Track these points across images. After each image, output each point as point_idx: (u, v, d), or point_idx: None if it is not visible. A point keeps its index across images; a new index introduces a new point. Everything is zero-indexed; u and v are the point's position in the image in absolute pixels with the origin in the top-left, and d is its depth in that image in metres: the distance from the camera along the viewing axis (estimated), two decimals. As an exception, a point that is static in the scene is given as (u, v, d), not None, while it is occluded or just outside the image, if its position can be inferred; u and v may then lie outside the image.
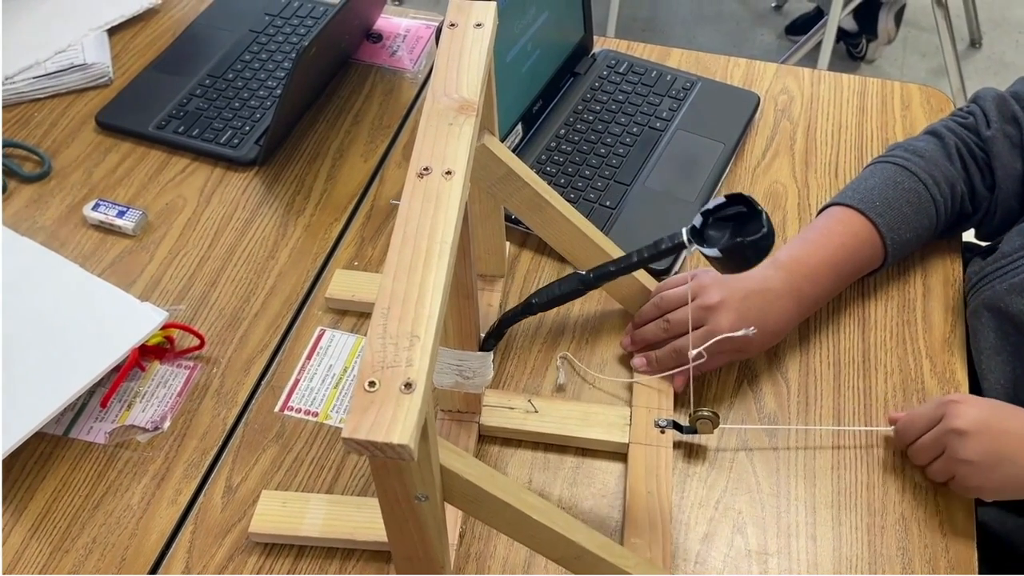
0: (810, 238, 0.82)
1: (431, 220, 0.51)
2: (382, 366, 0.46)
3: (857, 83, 1.07)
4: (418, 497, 0.51)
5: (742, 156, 0.99)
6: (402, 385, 0.45)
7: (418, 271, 0.49)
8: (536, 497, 0.59)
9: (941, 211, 0.83)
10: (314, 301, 0.86)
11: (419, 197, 0.53)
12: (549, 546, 0.60)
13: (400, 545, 0.57)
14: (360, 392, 0.45)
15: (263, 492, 0.72)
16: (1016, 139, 0.83)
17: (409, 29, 1.14)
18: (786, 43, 2.49)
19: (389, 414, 0.44)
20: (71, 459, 0.75)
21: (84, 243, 0.90)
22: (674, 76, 1.04)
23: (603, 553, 0.60)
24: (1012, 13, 2.61)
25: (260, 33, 1.10)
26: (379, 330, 0.47)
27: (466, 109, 0.57)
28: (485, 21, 0.63)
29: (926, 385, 0.80)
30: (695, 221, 0.63)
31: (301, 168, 0.98)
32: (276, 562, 0.70)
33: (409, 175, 0.54)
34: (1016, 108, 0.83)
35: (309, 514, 0.70)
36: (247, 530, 0.71)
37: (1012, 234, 0.81)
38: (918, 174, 0.83)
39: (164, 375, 0.80)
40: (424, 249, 0.50)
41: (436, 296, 0.48)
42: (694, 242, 0.62)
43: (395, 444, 0.43)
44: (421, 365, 0.46)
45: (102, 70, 1.05)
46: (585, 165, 0.95)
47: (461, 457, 0.55)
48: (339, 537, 0.70)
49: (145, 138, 0.99)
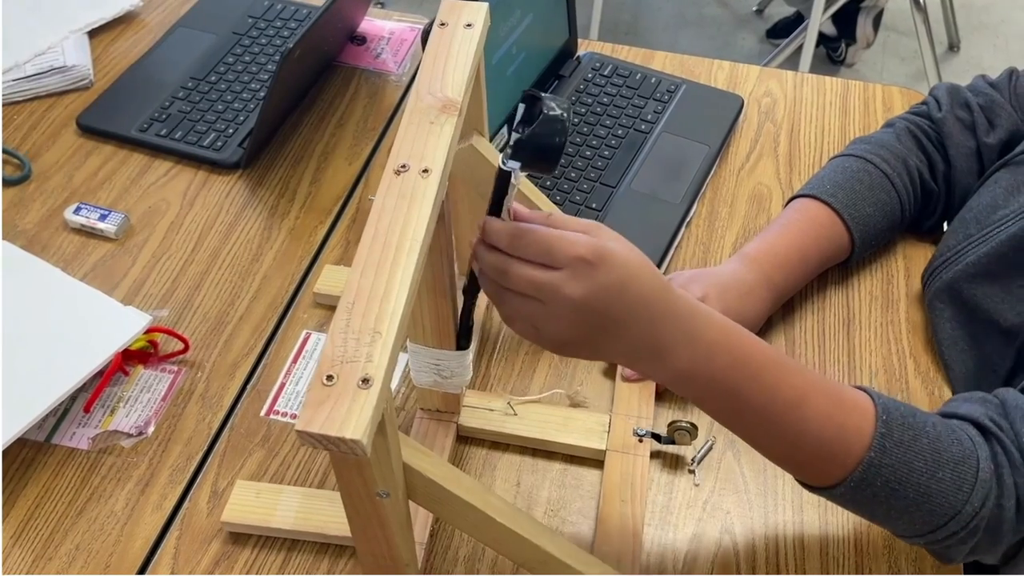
0: (772, 231, 0.84)
1: (404, 217, 0.51)
2: (341, 361, 0.46)
3: (839, 85, 1.07)
4: (379, 494, 0.51)
5: (726, 158, 0.99)
6: (360, 380, 0.45)
7: (386, 268, 0.49)
8: (501, 500, 0.59)
9: (898, 185, 0.85)
10: (299, 304, 0.86)
11: (394, 194, 0.52)
12: (514, 550, 0.60)
13: (364, 541, 0.57)
14: (317, 386, 0.45)
15: (238, 481, 0.72)
16: (967, 121, 0.86)
17: (393, 32, 1.14)
18: (768, 47, 2.51)
19: (344, 409, 0.44)
20: (54, 465, 0.74)
21: (66, 247, 0.89)
22: (658, 79, 1.05)
23: (568, 559, 0.60)
24: (989, 17, 2.64)
25: (243, 35, 1.10)
26: (342, 324, 0.47)
27: (449, 108, 0.57)
28: (475, 22, 0.62)
29: (910, 384, 0.81)
30: (510, 141, 0.56)
31: (285, 171, 0.97)
32: (264, 566, 0.69)
33: (386, 171, 0.54)
34: (968, 95, 0.87)
35: (282, 506, 0.70)
36: (232, 535, 0.70)
37: (954, 226, 0.83)
38: (864, 156, 0.86)
39: (148, 380, 0.79)
40: (394, 246, 0.50)
41: (402, 293, 0.48)
42: (507, 161, 0.55)
43: (348, 439, 0.43)
44: (381, 361, 0.46)
45: (83, 72, 1.04)
46: (571, 167, 0.95)
47: (426, 456, 0.55)
48: (310, 530, 0.70)
49: (127, 141, 0.98)
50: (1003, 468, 0.59)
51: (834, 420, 0.58)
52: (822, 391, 0.58)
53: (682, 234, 0.91)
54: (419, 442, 0.73)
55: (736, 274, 0.79)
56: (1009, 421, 0.61)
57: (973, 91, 0.87)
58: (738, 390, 0.57)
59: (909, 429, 0.58)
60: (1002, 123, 0.84)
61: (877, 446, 0.57)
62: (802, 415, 0.58)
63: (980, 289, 0.78)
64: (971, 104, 0.86)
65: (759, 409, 0.58)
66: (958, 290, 0.80)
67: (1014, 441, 0.60)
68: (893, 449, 0.57)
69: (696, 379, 0.57)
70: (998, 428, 0.60)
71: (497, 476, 0.75)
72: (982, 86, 0.87)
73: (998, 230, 0.78)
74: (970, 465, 0.58)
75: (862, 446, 0.57)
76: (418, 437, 0.75)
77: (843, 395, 0.59)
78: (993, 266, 0.77)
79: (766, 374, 0.57)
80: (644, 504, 0.72)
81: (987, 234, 0.79)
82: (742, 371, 0.57)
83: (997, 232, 0.78)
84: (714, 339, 0.56)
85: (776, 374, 0.57)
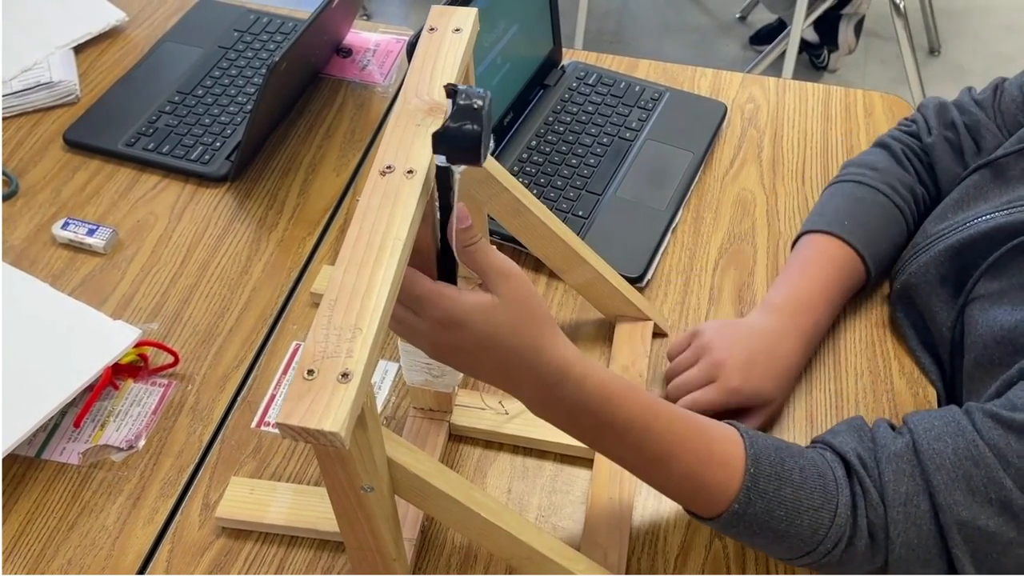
0: (792, 274, 0.83)
1: (388, 217, 0.52)
2: (323, 356, 0.47)
3: (821, 92, 1.09)
4: (364, 488, 0.52)
5: (711, 165, 1.00)
6: (339, 375, 0.46)
7: (369, 266, 0.50)
8: (486, 496, 0.60)
9: (908, 216, 0.85)
10: (289, 315, 0.86)
11: (379, 194, 0.54)
12: (499, 545, 0.60)
13: (352, 536, 0.58)
14: (298, 380, 0.46)
15: (232, 478, 0.73)
16: (955, 144, 0.85)
17: (379, 44, 1.14)
18: (751, 53, 2.53)
19: (324, 402, 0.45)
20: (44, 480, 0.74)
21: (54, 262, 0.89)
22: (642, 87, 1.06)
23: (554, 555, 0.61)
24: (969, 21, 2.67)
25: (229, 49, 1.10)
26: (324, 320, 0.48)
27: (435, 111, 0.58)
28: (464, 27, 0.63)
29: (895, 386, 0.82)
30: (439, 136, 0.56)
31: (273, 183, 0.97)
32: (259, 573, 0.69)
33: (372, 172, 0.55)
34: (955, 114, 0.86)
35: (275, 502, 0.71)
36: (226, 547, 0.70)
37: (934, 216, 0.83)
38: (877, 187, 0.85)
39: (138, 393, 0.80)
40: (377, 245, 0.51)
41: (384, 291, 0.49)
42: None
43: (326, 431, 0.44)
44: (360, 356, 0.47)
45: (69, 88, 1.04)
46: (557, 176, 0.96)
47: (410, 451, 0.55)
48: (303, 526, 0.70)
49: (114, 155, 0.99)
50: (859, 509, 0.61)
51: (699, 476, 0.62)
52: (691, 449, 0.62)
53: (668, 240, 0.92)
54: (411, 440, 0.75)
55: (764, 326, 0.79)
56: (876, 459, 0.63)
57: (960, 109, 0.86)
58: (599, 444, 0.63)
59: (775, 479, 0.61)
60: (987, 145, 0.83)
61: (743, 499, 0.61)
62: (667, 471, 0.62)
63: (925, 297, 0.80)
64: (958, 124, 0.85)
65: (620, 458, 0.63)
66: (911, 296, 0.82)
67: (875, 480, 0.62)
68: (756, 500, 0.61)
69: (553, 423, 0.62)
70: (862, 466, 0.62)
71: (489, 476, 0.75)
72: (968, 103, 0.86)
73: (940, 239, 0.79)
74: (828, 510, 0.61)
75: (727, 499, 0.61)
76: (410, 435, 0.76)
77: (712, 451, 0.62)
78: (931, 274, 0.79)
79: (629, 435, 0.61)
80: (632, 502, 0.72)
81: (930, 243, 0.80)
82: (606, 431, 0.61)
83: (937, 242, 0.79)
84: (578, 402, 0.59)
85: (640, 434, 0.61)
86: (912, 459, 0.62)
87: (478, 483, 0.75)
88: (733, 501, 0.61)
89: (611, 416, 0.60)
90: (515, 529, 0.59)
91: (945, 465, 0.60)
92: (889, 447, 0.63)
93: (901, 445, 0.62)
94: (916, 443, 0.62)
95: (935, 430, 0.62)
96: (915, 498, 0.61)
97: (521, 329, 0.57)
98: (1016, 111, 0.82)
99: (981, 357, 0.71)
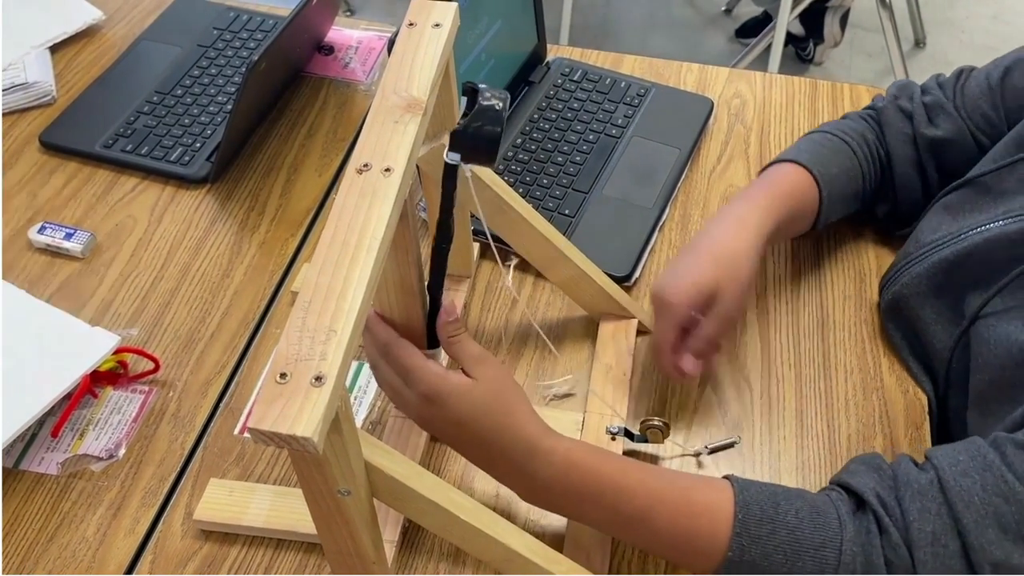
0: (743, 190, 0.83)
1: (364, 216, 0.51)
2: (296, 359, 0.46)
3: (807, 86, 1.08)
4: (340, 491, 0.51)
5: (698, 161, 1.00)
6: (313, 378, 0.45)
7: (344, 266, 0.49)
8: (465, 497, 0.59)
9: (857, 151, 0.85)
10: (272, 319, 0.85)
11: (355, 193, 0.52)
12: (479, 547, 0.60)
13: (330, 539, 0.57)
14: (271, 384, 0.45)
15: (211, 480, 0.72)
16: (907, 111, 0.86)
17: (361, 41, 1.13)
18: (737, 46, 2.53)
19: (296, 406, 0.44)
20: (22, 492, 0.73)
21: (30, 268, 0.87)
22: (628, 83, 1.05)
23: (535, 556, 0.60)
24: (954, 13, 2.67)
25: (209, 47, 1.08)
26: (298, 323, 0.47)
27: (414, 108, 0.57)
28: (444, 22, 0.62)
29: (885, 383, 0.81)
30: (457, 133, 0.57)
31: (255, 184, 0.96)
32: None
33: (348, 170, 0.54)
34: (916, 91, 0.87)
35: (255, 504, 0.70)
36: (211, 555, 0.69)
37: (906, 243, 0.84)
38: (825, 129, 0.87)
39: (118, 401, 0.78)
40: (353, 245, 0.50)
41: (359, 292, 0.48)
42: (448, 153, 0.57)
43: (299, 436, 0.43)
44: (335, 359, 0.46)
45: (45, 89, 1.03)
46: (543, 174, 0.95)
47: (388, 454, 0.55)
48: (281, 528, 0.69)
49: (92, 157, 0.97)
50: (872, 548, 0.59)
51: (684, 528, 0.61)
52: (669, 502, 0.62)
53: (656, 238, 0.91)
54: (392, 442, 0.74)
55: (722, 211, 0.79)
56: (898, 498, 0.61)
57: (923, 89, 0.87)
58: (579, 514, 0.64)
59: (768, 523, 0.60)
60: (942, 123, 0.84)
61: (735, 546, 0.60)
62: (650, 528, 0.62)
63: (917, 309, 0.79)
64: (915, 98, 0.86)
65: (604, 525, 0.64)
66: (901, 308, 0.81)
67: (898, 520, 0.60)
68: (751, 546, 0.60)
69: (536, 503, 0.64)
70: (880, 504, 0.61)
71: (477, 479, 0.74)
72: (932, 86, 0.88)
73: (934, 251, 0.78)
74: (832, 548, 0.60)
75: (719, 548, 0.60)
76: (391, 436, 0.75)
77: (692, 501, 0.62)
78: (924, 286, 0.78)
79: (604, 498, 0.61)
80: None
81: (923, 254, 0.79)
82: (583, 500, 0.62)
83: (931, 253, 0.78)
84: (550, 475, 0.61)
85: (615, 496, 0.61)
86: (938, 496, 0.60)
87: (466, 486, 0.74)
88: (726, 549, 0.60)
89: (581, 482, 0.61)
90: (494, 531, 0.59)
91: (974, 502, 0.58)
92: (912, 484, 0.61)
93: (925, 482, 0.60)
94: (941, 479, 0.60)
95: (960, 465, 0.60)
96: (943, 537, 0.59)
97: (494, 407, 0.61)
98: (980, 99, 0.83)
99: (998, 378, 0.69)
